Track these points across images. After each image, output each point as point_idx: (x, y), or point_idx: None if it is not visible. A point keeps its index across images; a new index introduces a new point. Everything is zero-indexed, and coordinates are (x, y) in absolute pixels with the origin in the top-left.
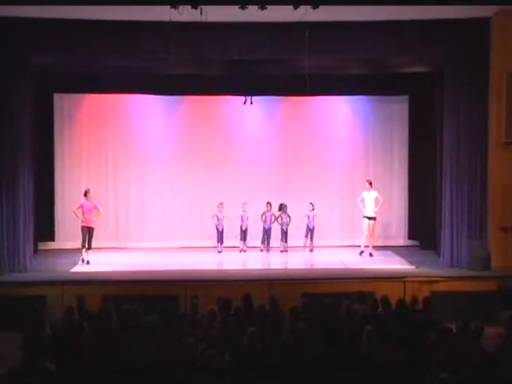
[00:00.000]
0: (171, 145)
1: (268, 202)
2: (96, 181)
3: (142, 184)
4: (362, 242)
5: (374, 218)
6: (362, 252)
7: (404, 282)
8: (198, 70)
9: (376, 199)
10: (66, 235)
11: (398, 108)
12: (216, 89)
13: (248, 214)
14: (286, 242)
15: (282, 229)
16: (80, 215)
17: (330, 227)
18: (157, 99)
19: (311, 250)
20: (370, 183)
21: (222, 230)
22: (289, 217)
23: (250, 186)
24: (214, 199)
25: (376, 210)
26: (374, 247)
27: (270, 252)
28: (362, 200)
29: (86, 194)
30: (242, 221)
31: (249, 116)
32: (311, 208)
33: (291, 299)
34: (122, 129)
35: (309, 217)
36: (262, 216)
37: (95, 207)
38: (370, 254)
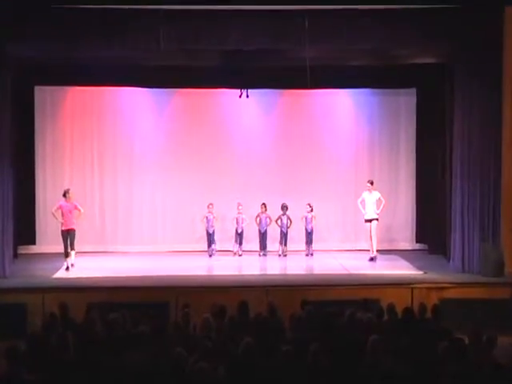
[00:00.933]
0: (161, 142)
1: (263, 203)
2: (81, 181)
3: (130, 184)
4: (370, 246)
5: (375, 219)
6: (372, 258)
7: (411, 288)
8: (191, 60)
9: (378, 201)
10: (48, 238)
11: (404, 102)
12: (209, 81)
13: (243, 216)
14: (285, 245)
15: (281, 231)
16: (59, 217)
17: (332, 230)
18: (146, 93)
19: (309, 255)
20: (372, 183)
21: (213, 233)
22: (289, 219)
23: (245, 186)
24: (207, 200)
25: (378, 212)
26: (378, 251)
27: (268, 256)
28: (363, 201)
29: (65, 195)
30: (237, 223)
31: (245, 110)
32: (309, 209)
33: (290, 307)
34: (109, 125)
35: (306, 219)
36: (256, 218)
37: (75, 208)
38: (371, 259)
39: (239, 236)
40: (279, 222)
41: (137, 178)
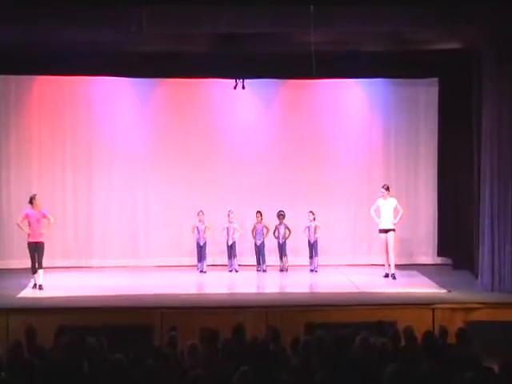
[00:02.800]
0: (144, 140)
1: (258, 212)
2: (50, 184)
3: (108, 188)
4: (386, 260)
5: (392, 230)
6: (388, 275)
7: (433, 309)
8: (178, 46)
9: (395, 209)
10: (12, 252)
11: (424, 93)
12: (199, 70)
13: (235, 226)
14: (283, 259)
15: (278, 243)
16: (26, 228)
17: (340, 242)
18: (126, 83)
19: (314, 270)
20: (388, 189)
21: (205, 245)
22: (288, 229)
23: (239, 191)
24: (196, 207)
25: (395, 222)
26: (395, 266)
27: (267, 272)
28: (377, 209)
29: (31, 202)
30: (227, 234)
31: (240, 104)
32: (312, 218)
33: (292, 330)
34: (84, 120)
35: (309, 229)
36: (252, 230)
37: (44, 216)
38: (393, 276)
39: (230, 249)
40: (276, 233)
41: (115, 180)
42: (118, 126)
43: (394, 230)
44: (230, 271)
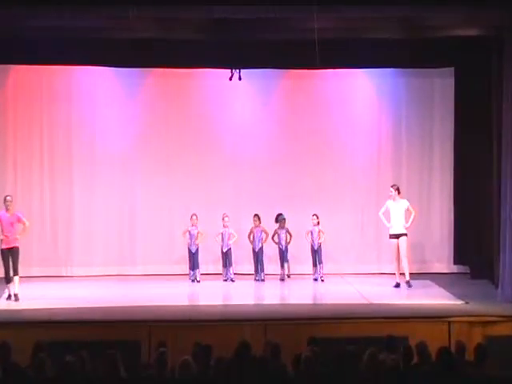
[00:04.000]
0: (130, 136)
1: (255, 215)
2: (26, 185)
3: (91, 189)
4: (396, 269)
5: (404, 235)
6: (399, 284)
7: (449, 322)
8: (168, 33)
9: (407, 211)
10: None
11: (440, 85)
12: (192, 59)
13: (230, 231)
14: (285, 267)
15: (279, 249)
16: None
17: (347, 248)
18: (111, 73)
19: (318, 279)
20: (398, 189)
21: (197, 252)
22: (289, 233)
23: (235, 193)
24: (188, 210)
25: (407, 226)
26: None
27: (266, 281)
28: (387, 212)
29: (4, 203)
30: (222, 240)
31: (236, 96)
32: (315, 221)
33: (294, 346)
34: (63, 114)
35: (312, 234)
36: (249, 235)
37: (19, 220)
38: (408, 284)
39: (225, 256)
40: (276, 237)
41: (99, 182)
42: (102, 121)
43: (406, 234)
44: (225, 280)
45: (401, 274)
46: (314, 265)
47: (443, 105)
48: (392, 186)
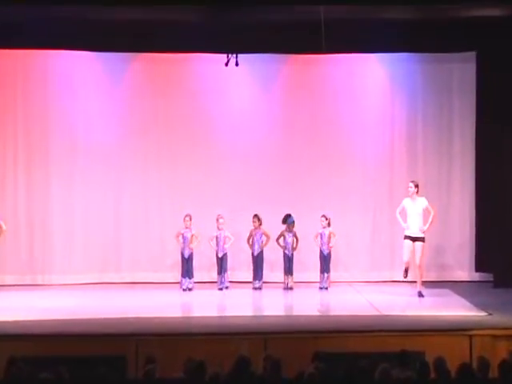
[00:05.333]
0: (114, 128)
1: (255, 216)
2: None
3: (70, 187)
4: (403, 274)
5: (421, 239)
6: (421, 293)
7: (470, 336)
8: (158, 14)
9: (425, 210)
10: None
11: (459, 71)
12: (184, 43)
13: (226, 233)
14: (291, 274)
15: (284, 254)
16: None
17: (355, 254)
18: (93, 58)
19: (324, 288)
20: (417, 186)
21: (191, 257)
22: (296, 238)
23: (233, 191)
24: (180, 211)
25: (425, 229)
26: (423, 283)
27: (266, 290)
28: (403, 211)
29: None
30: (217, 244)
31: (233, 84)
32: (325, 223)
33: (297, 362)
34: (40, 102)
35: (322, 237)
36: (248, 239)
37: None
38: (420, 294)
39: (221, 261)
40: (281, 241)
41: (79, 178)
42: (83, 112)
43: (423, 240)
44: (221, 289)
45: (412, 281)
46: (322, 272)
47: (463, 93)
48: (412, 183)
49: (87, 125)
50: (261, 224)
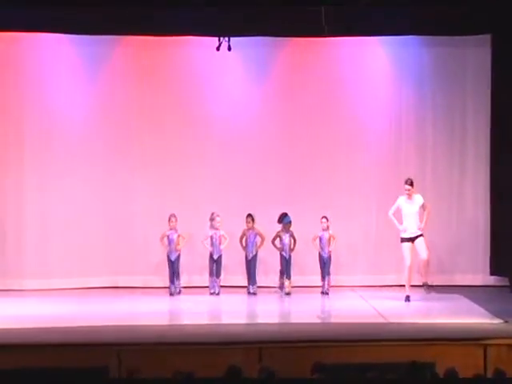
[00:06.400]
0: (96, 119)
1: (248, 215)
2: None
3: (46, 185)
4: (406, 279)
5: (420, 235)
6: (409, 297)
7: (484, 346)
8: None
9: (421, 208)
10: None
11: (473, 55)
12: (172, 25)
13: (222, 233)
14: (288, 278)
15: (281, 256)
16: None
17: (359, 256)
18: (73, 42)
19: (325, 293)
20: (411, 184)
21: (178, 260)
22: (293, 238)
23: (225, 188)
24: (167, 209)
25: (423, 226)
26: (430, 287)
27: (261, 295)
28: (398, 211)
29: None
30: (211, 244)
31: (225, 70)
32: (325, 225)
33: (295, 373)
34: (15, 90)
35: (321, 239)
36: (241, 239)
37: None
38: (427, 287)
39: (215, 264)
40: (278, 242)
41: (55, 175)
42: (60, 101)
43: (422, 235)
44: (213, 294)
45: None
46: (323, 276)
47: (477, 81)
48: (406, 183)
49: (64, 116)
50: (254, 224)
